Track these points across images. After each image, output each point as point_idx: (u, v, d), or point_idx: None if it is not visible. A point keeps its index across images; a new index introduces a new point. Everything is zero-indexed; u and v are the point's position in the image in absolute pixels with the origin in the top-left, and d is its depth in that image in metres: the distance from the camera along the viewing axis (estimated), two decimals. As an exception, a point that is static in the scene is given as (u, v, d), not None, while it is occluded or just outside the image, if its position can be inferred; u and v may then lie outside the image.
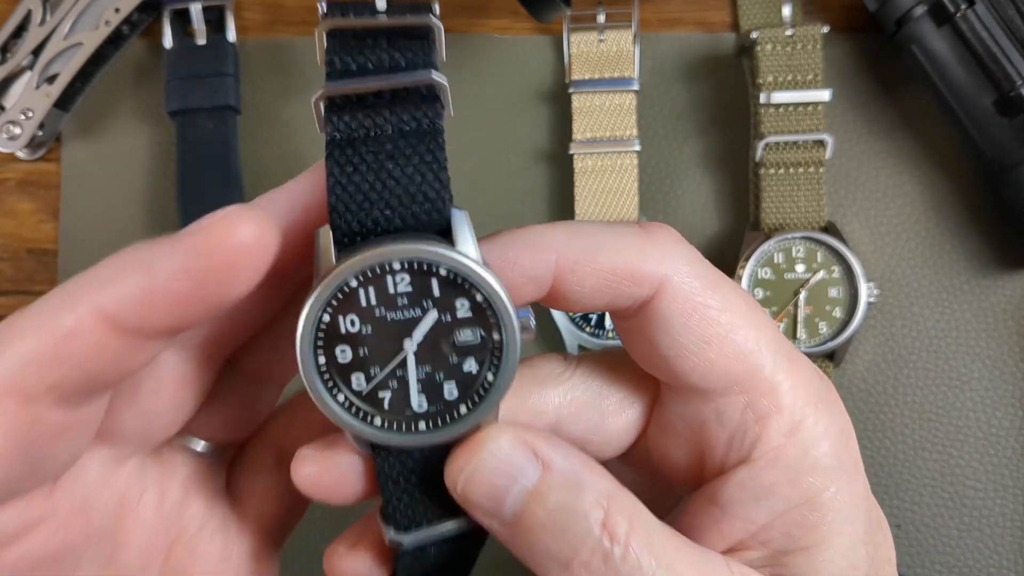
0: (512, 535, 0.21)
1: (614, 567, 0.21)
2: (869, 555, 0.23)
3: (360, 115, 0.20)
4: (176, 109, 0.44)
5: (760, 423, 0.23)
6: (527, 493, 0.21)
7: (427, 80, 0.20)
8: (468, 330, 0.20)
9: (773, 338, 0.23)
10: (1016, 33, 0.40)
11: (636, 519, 0.21)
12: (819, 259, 0.42)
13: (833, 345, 0.42)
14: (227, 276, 0.18)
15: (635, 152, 0.44)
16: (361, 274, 0.20)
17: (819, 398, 0.23)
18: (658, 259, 0.22)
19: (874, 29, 0.44)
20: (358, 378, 0.20)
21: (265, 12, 0.47)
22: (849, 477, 0.23)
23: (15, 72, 0.44)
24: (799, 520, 0.23)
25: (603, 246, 0.22)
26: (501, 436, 0.21)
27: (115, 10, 0.44)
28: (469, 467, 0.21)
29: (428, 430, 0.21)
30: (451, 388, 0.21)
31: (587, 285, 0.22)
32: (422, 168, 0.20)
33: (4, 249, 0.47)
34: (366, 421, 0.21)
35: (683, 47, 0.46)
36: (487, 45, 0.46)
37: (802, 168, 0.43)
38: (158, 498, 0.24)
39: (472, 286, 0.20)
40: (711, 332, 0.22)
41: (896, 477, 0.44)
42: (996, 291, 0.44)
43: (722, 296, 0.22)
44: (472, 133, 0.46)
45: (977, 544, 0.43)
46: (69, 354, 0.18)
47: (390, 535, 0.22)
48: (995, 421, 0.44)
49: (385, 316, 0.20)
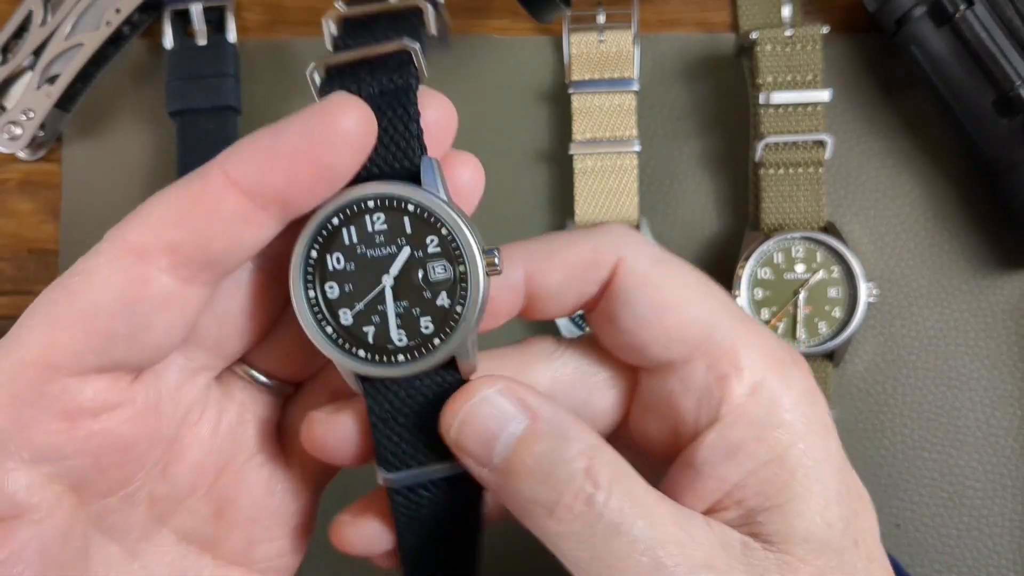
0: (501, 482, 0.23)
1: (596, 511, 0.22)
2: (845, 517, 0.24)
3: (347, 81, 0.22)
4: (176, 109, 0.44)
5: (721, 383, 0.24)
6: (515, 439, 0.22)
7: (399, 46, 0.23)
8: (439, 265, 0.22)
9: (727, 305, 0.25)
10: (1015, 33, 0.40)
11: (618, 470, 0.23)
12: (819, 259, 0.42)
13: (833, 345, 0.42)
14: (334, 148, 0.21)
15: (635, 152, 0.44)
16: (341, 212, 0.22)
17: (779, 359, 0.24)
18: (610, 242, 0.24)
19: (874, 29, 0.44)
20: (345, 313, 0.23)
21: (265, 12, 0.47)
22: (819, 436, 0.24)
23: (16, 72, 0.44)
24: (770, 477, 0.23)
25: (561, 245, 0.25)
26: (493, 385, 0.23)
27: (116, 10, 0.44)
28: (463, 412, 0.23)
29: (407, 361, 0.23)
30: (427, 322, 0.23)
31: (554, 280, 0.24)
32: (394, 120, 0.22)
33: (5, 249, 0.47)
34: (351, 353, 0.23)
35: (683, 47, 0.46)
36: (487, 45, 0.46)
37: (802, 168, 0.43)
38: (216, 420, 0.25)
39: (438, 221, 0.22)
40: (665, 299, 0.24)
41: (896, 477, 0.44)
42: (996, 291, 0.44)
43: (673, 269, 0.25)
44: (472, 133, 0.46)
45: (976, 544, 0.43)
46: (192, 214, 0.20)
47: (382, 475, 0.24)
48: (995, 421, 0.44)
49: (366, 253, 0.22)
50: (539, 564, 0.24)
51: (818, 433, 0.24)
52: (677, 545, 0.22)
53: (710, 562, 0.22)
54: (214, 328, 0.23)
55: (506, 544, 0.24)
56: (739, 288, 0.42)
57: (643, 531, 0.22)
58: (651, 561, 0.22)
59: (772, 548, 0.23)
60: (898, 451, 0.44)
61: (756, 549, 0.23)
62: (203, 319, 0.23)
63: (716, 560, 0.22)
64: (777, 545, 0.23)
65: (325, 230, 0.22)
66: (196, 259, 0.21)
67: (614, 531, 0.22)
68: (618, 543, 0.22)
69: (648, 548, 0.22)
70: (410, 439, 0.24)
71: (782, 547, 0.23)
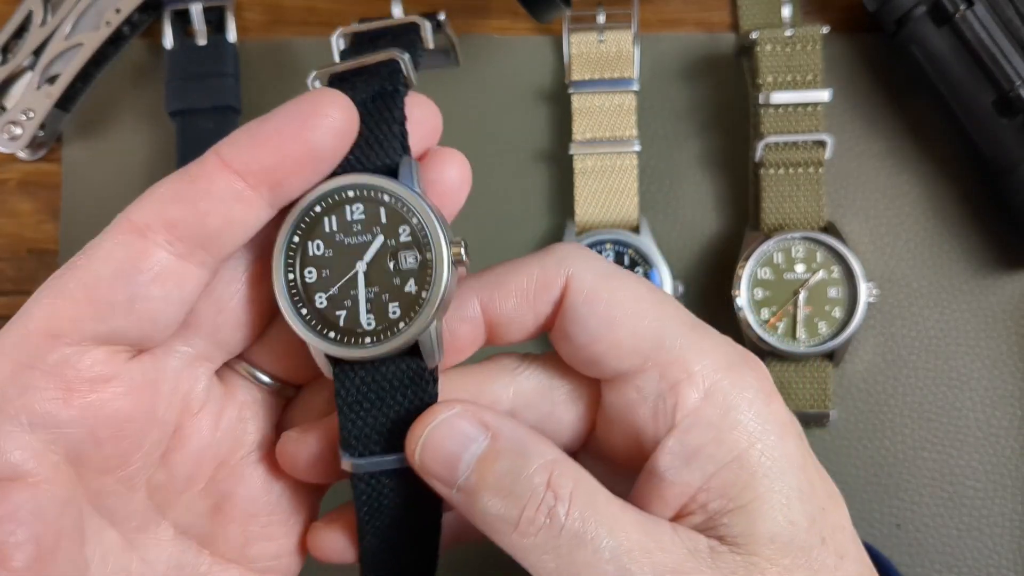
0: (467, 502, 0.23)
1: (559, 522, 0.22)
2: (809, 515, 0.24)
3: (344, 86, 0.24)
4: (176, 109, 0.44)
5: (674, 390, 0.24)
6: (477, 459, 0.23)
7: (389, 56, 0.25)
8: (409, 254, 0.24)
9: (676, 314, 0.25)
10: (1015, 33, 0.40)
11: (580, 481, 0.23)
12: (819, 259, 0.42)
13: (833, 345, 0.42)
14: (318, 131, 0.22)
15: (635, 152, 0.44)
16: (322, 200, 0.24)
17: (731, 362, 0.25)
18: (558, 262, 0.25)
19: (874, 29, 0.44)
20: (320, 297, 0.24)
21: (265, 12, 0.47)
22: (776, 435, 0.24)
23: (16, 72, 0.44)
24: (731, 479, 0.24)
25: (511, 271, 0.26)
26: (451, 408, 0.24)
27: (116, 10, 0.44)
28: (423, 435, 0.24)
29: (372, 343, 0.24)
30: (394, 307, 0.24)
31: (510, 306, 0.25)
32: (380, 122, 0.24)
33: (5, 249, 0.47)
34: (323, 335, 0.24)
35: (683, 47, 0.46)
36: (487, 45, 0.46)
37: (802, 168, 0.43)
38: (216, 415, 0.25)
39: (410, 211, 0.24)
40: (614, 314, 0.25)
41: (896, 477, 0.44)
42: (996, 291, 0.44)
43: (620, 283, 0.25)
44: (472, 133, 0.46)
45: (976, 544, 0.43)
46: (188, 193, 0.22)
47: (345, 460, 0.25)
48: (995, 421, 0.44)
49: (343, 241, 0.24)
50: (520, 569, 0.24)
51: (775, 432, 0.24)
52: (643, 552, 0.23)
53: (677, 567, 0.23)
54: (212, 315, 0.24)
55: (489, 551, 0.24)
56: (739, 288, 0.42)
57: (607, 540, 0.22)
58: (617, 569, 0.22)
59: (739, 550, 0.23)
60: (898, 451, 0.44)
61: (723, 552, 0.23)
62: (202, 305, 0.24)
63: (683, 565, 0.23)
64: (743, 547, 0.23)
65: (308, 217, 0.24)
66: (192, 235, 0.22)
67: (578, 541, 0.22)
68: (582, 553, 0.22)
69: (613, 556, 0.22)
70: (374, 424, 0.25)
71: (748, 548, 0.23)
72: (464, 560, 0.32)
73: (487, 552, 0.25)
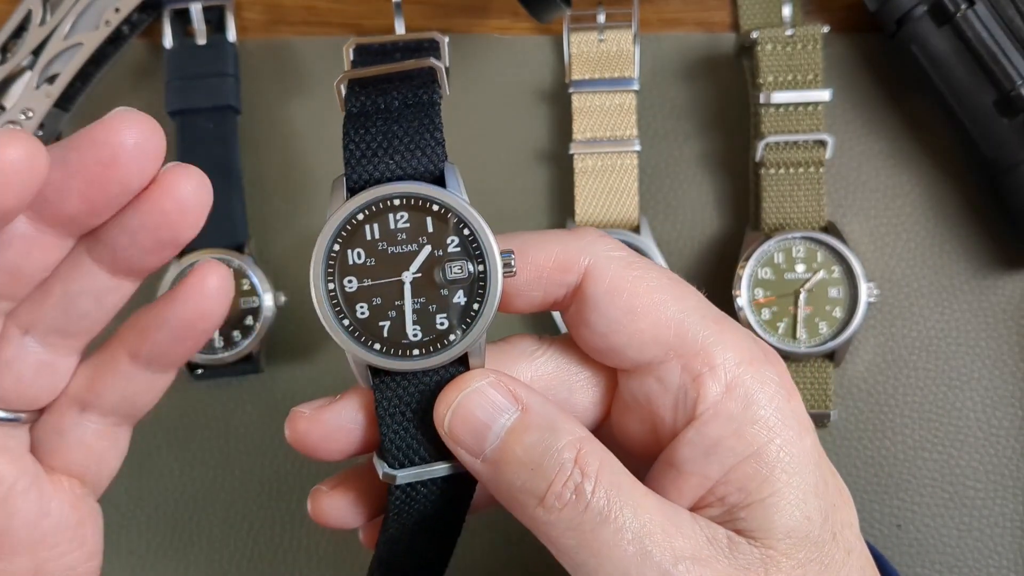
0: (492, 473, 0.23)
1: (584, 499, 0.22)
2: (823, 511, 0.24)
3: (373, 93, 0.24)
4: (176, 109, 0.44)
5: (696, 382, 0.24)
6: (506, 431, 0.23)
7: (426, 63, 0.24)
8: (457, 264, 0.23)
9: (698, 305, 0.25)
10: (1016, 33, 0.40)
11: (605, 462, 0.23)
12: (819, 259, 0.42)
13: (833, 345, 0.42)
14: None
15: (635, 152, 0.44)
16: (366, 208, 0.23)
17: (753, 357, 0.25)
18: (581, 248, 0.25)
19: (874, 29, 0.44)
20: (362, 307, 0.23)
21: (265, 12, 0.47)
22: (795, 432, 0.24)
23: (15, 72, 0.44)
24: (750, 473, 0.24)
25: (529, 244, 0.25)
26: (484, 376, 0.24)
27: (115, 10, 0.44)
28: (455, 402, 0.23)
29: (421, 355, 0.24)
30: (442, 319, 0.23)
31: (521, 278, 0.25)
32: (420, 129, 0.23)
33: (4, 249, 0.47)
34: (367, 346, 0.23)
35: (683, 47, 0.46)
36: (487, 45, 0.46)
37: (802, 168, 0.43)
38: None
39: (460, 221, 0.23)
40: (636, 304, 0.24)
41: (896, 477, 0.44)
42: (996, 291, 0.44)
43: (643, 272, 0.25)
44: (472, 133, 0.46)
45: (977, 544, 0.43)
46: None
47: (384, 470, 0.24)
48: (995, 421, 0.44)
49: (387, 250, 0.23)
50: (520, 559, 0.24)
51: (793, 429, 0.24)
52: (664, 535, 0.23)
53: (696, 553, 0.23)
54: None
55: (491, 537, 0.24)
56: (739, 288, 0.42)
57: (630, 520, 0.22)
58: (637, 550, 0.22)
59: (756, 543, 0.24)
60: (898, 451, 0.44)
61: (741, 543, 0.23)
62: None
63: (702, 552, 0.23)
64: (760, 540, 0.24)
65: (349, 225, 0.23)
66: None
67: (602, 519, 0.22)
68: (605, 531, 0.22)
69: (635, 537, 0.22)
70: (416, 435, 0.24)
71: (765, 542, 0.23)
72: (469, 561, 0.31)
73: (491, 552, 0.25)
